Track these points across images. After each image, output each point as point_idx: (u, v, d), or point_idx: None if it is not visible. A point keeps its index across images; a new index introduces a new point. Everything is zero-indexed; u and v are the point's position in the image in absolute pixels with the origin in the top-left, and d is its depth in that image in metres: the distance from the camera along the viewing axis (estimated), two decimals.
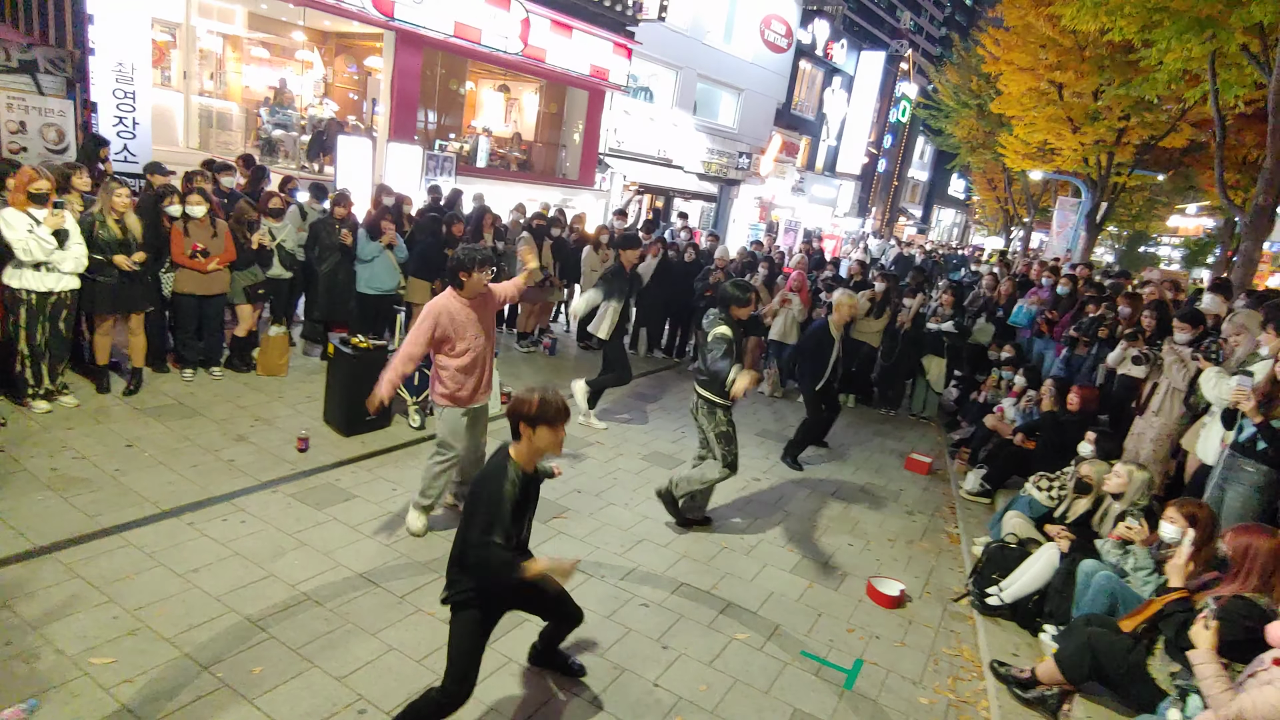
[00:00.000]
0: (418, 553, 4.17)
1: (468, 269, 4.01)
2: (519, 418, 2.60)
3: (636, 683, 3.39)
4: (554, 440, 2.63)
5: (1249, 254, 9.30)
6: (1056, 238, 19.02)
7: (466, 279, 4.04)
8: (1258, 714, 2.42)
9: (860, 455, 7.17)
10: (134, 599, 3.39)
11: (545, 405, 2.59)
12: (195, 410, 5.54)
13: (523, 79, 16.27)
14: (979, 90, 21.17)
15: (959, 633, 4.29)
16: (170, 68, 12.32)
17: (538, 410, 2.58)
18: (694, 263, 9.54)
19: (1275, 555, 3.00)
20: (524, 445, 2.65)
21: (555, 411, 2.60)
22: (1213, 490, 4.16)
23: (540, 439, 2.62)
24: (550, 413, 2.59)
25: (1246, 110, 10.72)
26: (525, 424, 2.60)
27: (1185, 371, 5.03)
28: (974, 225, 44.22)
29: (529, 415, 2.59)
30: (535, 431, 2.60)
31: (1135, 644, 3.23)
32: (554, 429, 2.61)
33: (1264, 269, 22.38)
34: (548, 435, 2.61)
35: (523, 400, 2.60)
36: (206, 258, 5.80)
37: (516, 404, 2.61)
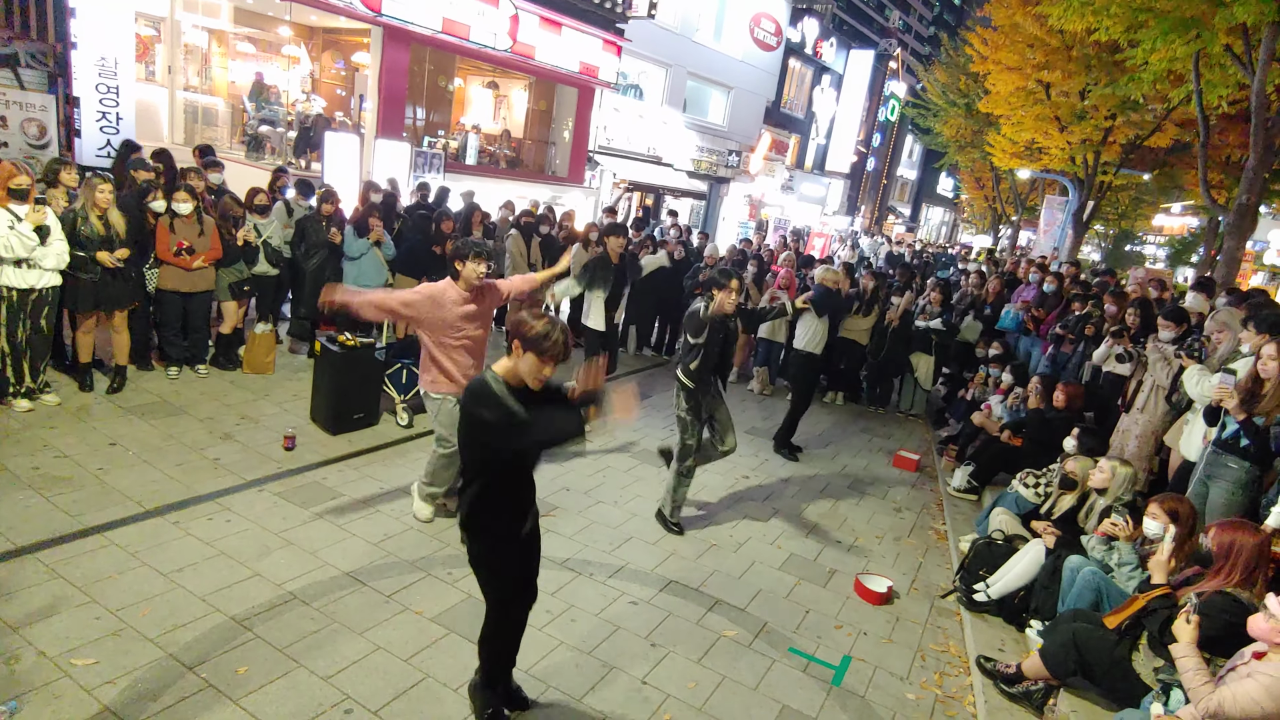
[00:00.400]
0: (405, 551, 4.15)
1: (462, 258, 4.08)
2: (517, 334, 2.52)
3: (625, 680, 3.39)
4: (534, 371, 2.53)
5: (1232, 253, 9.40)
6: (1044, 236, 19.16)
7: (460, 268, 4.09)
8: (1237, 707, 2.45)
9: (848, 453, 7.20)
10: (117, 599, 3.35)
11: (544, 336, 2.49)
12: (180, 408, 5.49)
13: (512, 76, 16.22)
14: (967, 89, 21.27)
15: (946, 629, 4.32)
16: (155, 62, 12.19)
17: (534, 335, 2.49)
18: (683, 261, 9.53)
19: (1259, 551, 3.03)
20: (509, 361, 2.57)
21: (548, 345, 2.49)
22: (1196, 486, 4.20)
23: (525, 363, 2.53)
24: (542, 345, 2.49)
25: (1230, 110, 10.83)
26: (519, 341, 2.52)
27: (1169, 369, 5.08)
28: (962, 224, 44.46)
29: (524, 335, 2.50)
30: (524, 354, 2.52)
31: (1119, 639, 3.26)
32: (540, 361, 2.51)
33: (1247, 267, 22.66)
34: (532, 363, 2.52)
35: (525, 321, 2.52)
36: (192, 255, 5.74)
37: (519, 321, 2.53)
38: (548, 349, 2.50)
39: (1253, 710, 2.42)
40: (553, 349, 2.51)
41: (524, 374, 2.55)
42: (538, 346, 2.49)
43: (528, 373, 2.55)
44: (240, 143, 12.88)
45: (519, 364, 2.54)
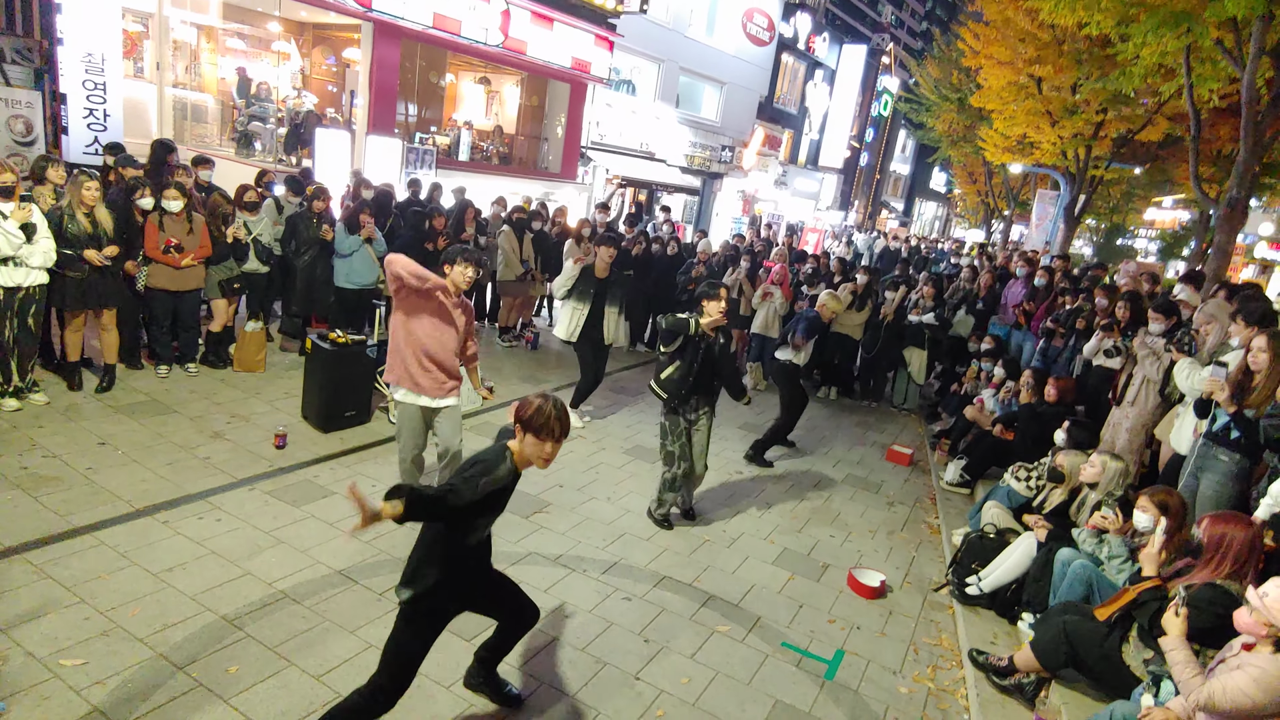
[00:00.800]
0: (397, 549, 4.13)
1: (450, 261, 4.05)
2: (517, 418, 2.53)
3: (618, 676, 3.39)
4: (538, 453, 2.52)
5: (1223, 246, 9.43)
6: (1036, 230, 19.19)
7: (448, 271, 4.04)
8: (1227, 698, 2.46)
9: (842, 447, 7.21)
10: (106, 599, 3.33)
11: (537, 413, 2.49)
12: (170, 407, 5.45)
13: (504, 71, 16.14)
14: (959, 84, 21.28)
15: (938, 622, 4.33)
16: (143, 59, 12.08)
17: (529, 415, 2.49)
18: (676, 256, 9.52)
19: (1250, 545, 3.04)
20: (516, 445, 2.56)
21: (544, 422, 2.48)
22: (1187, 479, 4.21)
23: (527, 445, 2.51)
24: (538, 421, 2.48)
25: (1221, 104, 10.85)
26: (519, 426, 2.52)
27: (1158, 363, 5.10)
28: (955, 218, 44.56)
29: (521, 418, 2.51)
30: (524, 436, 2.51)
31: (1110, 632, 3.27)
32: (539, 440, 2.49)
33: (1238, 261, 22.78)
34: (532, 444, 2.50)
35: (526, 402, 2.53)
36: (181, 253, 5.70)
37: (521, 404, 2.53)
38: (542, 425, 2.48)
39: (1242, 701, 2.43)
40: (547, 425, 2.48)
41: (529, 456, 2.53)
42: (532, 425, 2.48)
43: (532, 454, 2.52)
44: (230, 139, 12.79)
45: (523, 445, 2.53)
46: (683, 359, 4.63)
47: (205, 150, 9.91)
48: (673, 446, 4.77)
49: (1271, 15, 7.59)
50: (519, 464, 2.57)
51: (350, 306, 6.94)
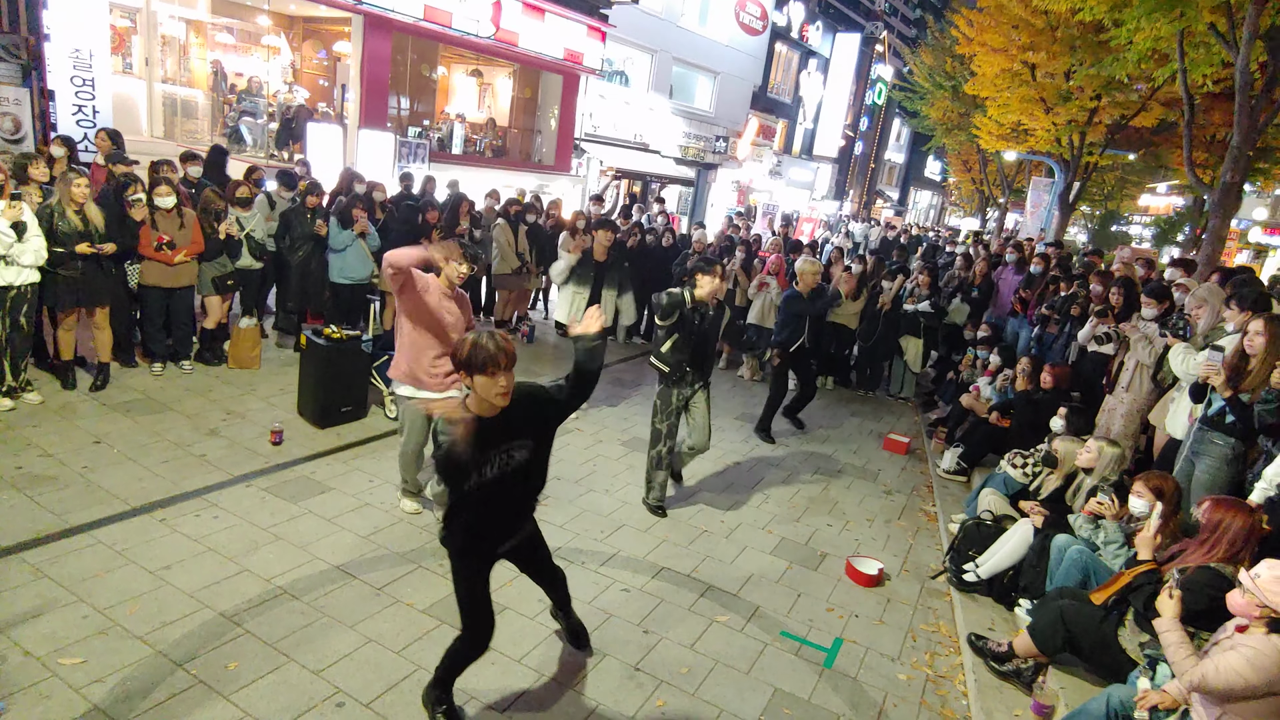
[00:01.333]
0: (396, 544, 4.14)
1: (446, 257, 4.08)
2: (458, 365, 2.45)
3: (618, 667, 3.40)
4: (492, 388, 2.42)
5: (1217, 231, 9.45)
6: (1031, 218, 19.21)
7: (443, 266, 4.07)
8: (1220, 679, 2.48)
9: (839, 436, 7.22)
10: (104, 598, 3.32)
11: (475, 350, 2.39)
12: (165, 405, 5.44)
13: (496, 63, 16.06)
14: (953, 72, 21.23)
15: (936, 609, 4.35)
16: (131, 54, 11.98)
17: (466, 355, 2.40)
18: (671, 247, 9.50)
19: (1247, 533, 3.05)
20: (472, 394, 2.50)
21: (486, 356, 2.38)
22: (1183, 464, 4.23)
23: (479, 387, 2.43)
24: (481, 357, 2.38)
25: (1214, 89, 10.85)
26: (463, 372, 2.44)
27: (1151, 348, 5.11)
28: (950, 206, 44.55)
29: (462, 361, 2.42)
30: (472, 380, 2.43)
31: (1106, 616, 3.29)
32: (489, 377, 2.40)
33: (1232, 245, 22.83)
34: (484, 383, 2.41)
35: (457, 345, 2.44)
36: (174, 250, 5.67)
37: (454, 350, 2.45)
38: (486, 360, 2.39)
39: (1235, 682, 2.45)
40: (486, 358, 2.39)
41: (484, 396, 2.45)
42: (475, 363, 2.40)
43: (486, 393, 2.44)
44: (221, 135, 12.70)
45: (477, 391, 2.46)
46: (680, 331, 4.68)
47: (190, 145, 9.85)
48: (661, 425, 4.82)
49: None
50: (481, 411, 2.49)
51: (345, 302, 6.92)
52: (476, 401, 2.50)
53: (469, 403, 2.52)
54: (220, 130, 12.77)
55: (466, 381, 2.47)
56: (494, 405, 2.49)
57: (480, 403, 2.49)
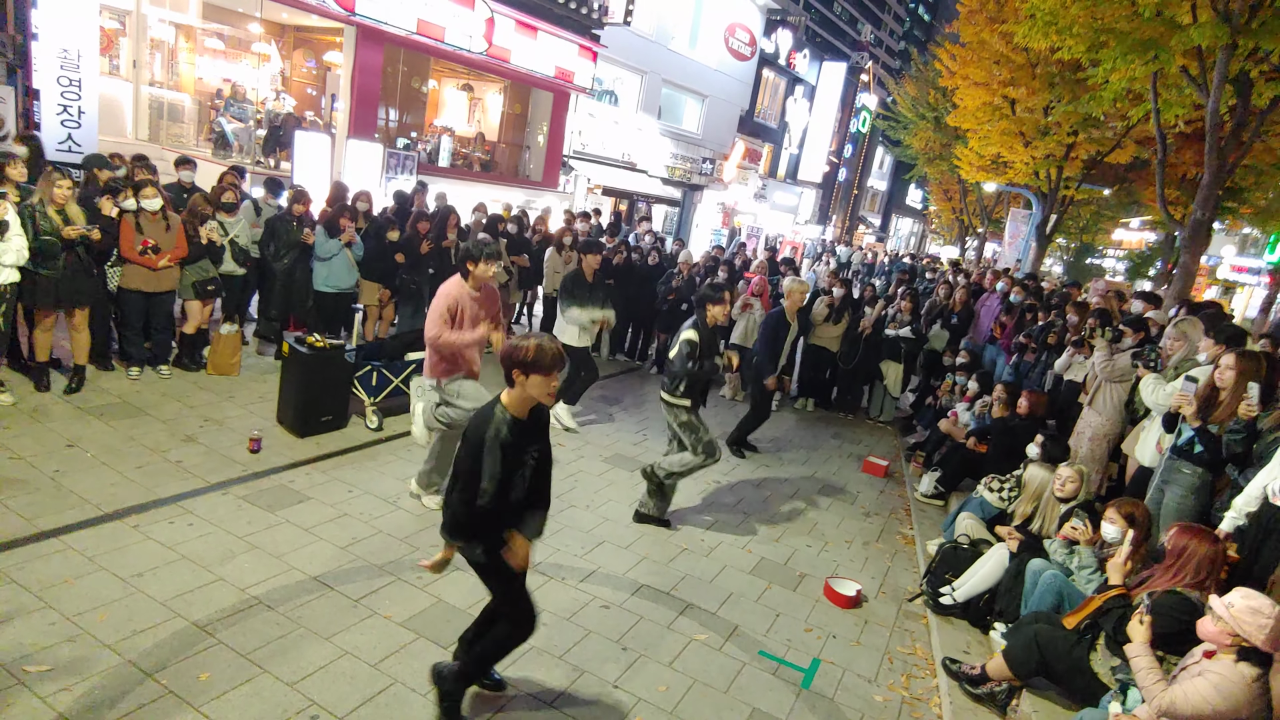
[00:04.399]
0: (374, 555, 4.10)
1: (475, 259, 4.31)
2: (514, 364, 2.60)
3: (595, 684, 3.38)
4: (546, 388, 2.63)
5: (1187, 267, 9.71)
6: (1008, 248, 19.59)
7: (473, 268, 4.32)
8: (1189, 704, 2.53)
9: (819, 458, 7.28)
10: (73, 605, 3.26)
11: (541, 352, 2.58)
12: (141, 409, 5.35)
13: (487, 79, 16.15)
14: (936, 103, 21.70)
15: (913, 631, 4.38)
16: (119, 56, 11.90)
17: (534, 357, 2.57)
18: (657, 266, 9.57)
19: (1211, 561, 3.12)
20: (516, 392, 2.65)
21: (551, 359, 2.59)
22: (1153, 492, 4.32)
23: (533, 386, 2.61)
24: (546, 360, 2.58)
25: (1186, 130, 11.21)
26: (519, 370, 2.59)
27: (1110, 364, 5.25)
28: (931, 234, 45.27)
29: (523, 361, 2.58)
30: (528, 379, 2.59)
31: (1078, 640, 3.34)
32: (547, 376, 2.61)
33: (1201, 281, 23.39)
34: (540, 383, 2.61)
35: (519, 347, 2.60)
36: (158, 254, 5.61)
37: (511, 350, 2.60)
38: (548, 363, 2.59)
39: (1203, 708, 2.50)
40: (552, 360, 2.60)
41: (535, 395, 2.64)
42: (539, 365, 2.58)
43: (539, 391, 2.63)
44: (207, 140, 12.63)
45: (526, 389, 2.63)
46: (702, 363, 4.85)
47: (185, 151, 9.79)
48: (709, 435, 4.97)
49: (1235, 45, 7.87)
50: (518, 412, 2.66)
51: (329, 310, 6.89)
52: (518, 403, 2.65)
53: (506, 402, 2.65)
54: (206, 135, 12.70)
55: (521, 380, 2.60)
56: (529, 406, 2.68)
57: (522, 404, 2.66)
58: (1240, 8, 7.75)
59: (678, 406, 4.92)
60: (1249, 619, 2.49)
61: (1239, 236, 28.01)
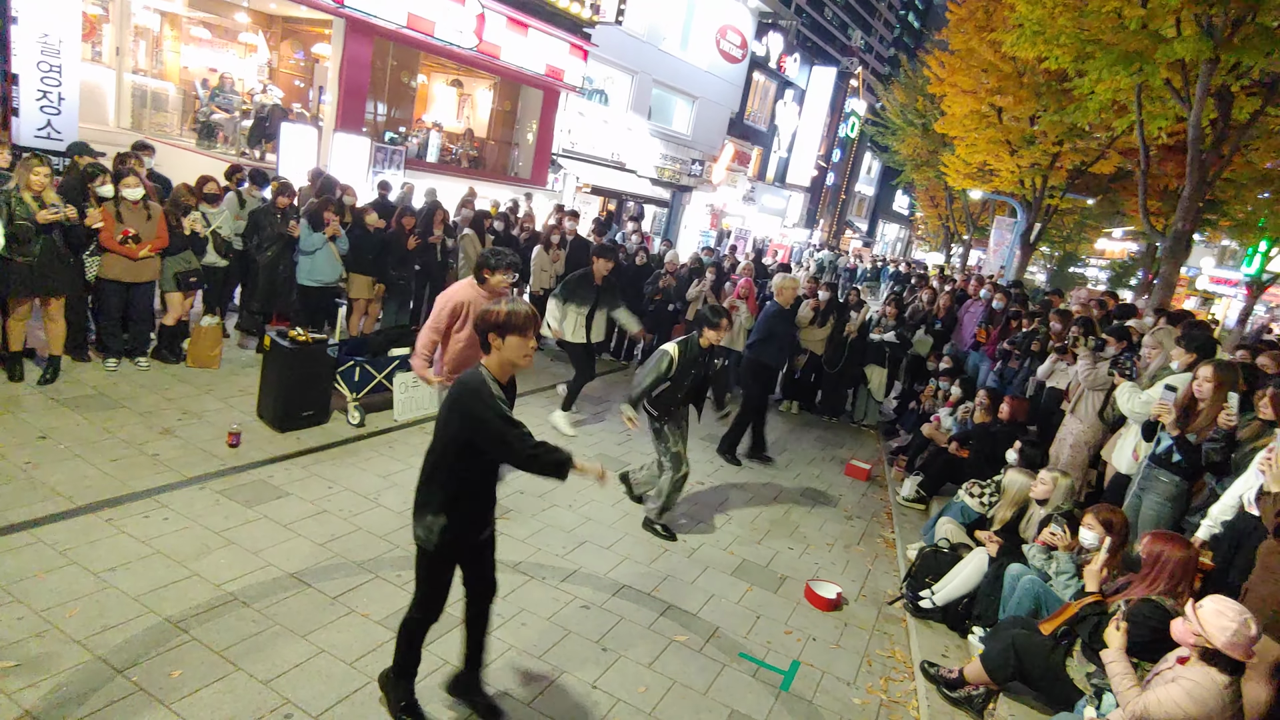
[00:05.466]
0: (352, 552, 4.05)
1: (491, 268, 4.28)
2: (489, 328, 2.58)
3: (575, 684, 3.37)
4: (523, 349, 2.61)
5: (1168, 277, 9.85)
6: (993, 255, 19.77)
7: (489, 276, 4.28)
8: (1161, 710, 2.55)
9: (802, 461, 7.30)
10: (42, 599, 3.19)
11: (513, 314, 2.57)
12: (117, 402, 5.27)
13: (476, 75, 16.07)
14: (924, 110, 21.88)
15: (892, 635, 4.40)
16: (102, 43, 11.73)
17: (506, 318, 2.56)
18: (644, 266, 9.56)
19: (1185, 566, 3.17)
20: (494, 357, 2.62)
21: (524, 319, 2.58)
22: (1131, 499, 4.37)
23: (510, 349, 2.59)
24: (519, 320, 2.57)
25: (1169, 142, 11.36)
26: (494, 334, 2.58)
27: (1092, 372, 5.31)
28: (917, 240, 45.62)
29: (497, 324, 2.56)
30: (505, 341, 2.58)
31: (1055, 646, 3.37)
32: (524, 337, 2.59)
33: (1181, 292, 23.73)
34: (517, 344, 2.59)
35: (490, 310, 2.59)
36: (138, 244, 5.53)
37: (484, 315, 2.59)
38: (523, 322, 2.58)
39: (1176, 713, 2.52)
40: (528, 320, 2.59)
41: (513, 358, 2.62)
42: (514, 326, 2.56)
43: (517, 354, 2.61)
44: (192, 130, 12.48)
45: (504, 353, 2.60)
46: (675, 380, 4.79)
47: (157, 139, 9.66)
48: (676, 447, 4.91)
49: (1217, 59, 7.98)
50: (500, 376, 2.64)
51: (312, 304, 6.81)
52: (498, 367, 2.63)
53: (488, 367, 2.63)
54: (191, 125, 12.54)
55: (498, 344, 2.59)
56: (510, 371, 2.67)
57: (503, 368, 2.64)
58: (1223, 23, 7.86)
59: (649, 415, 4.89)
60: (1213, 620, 2.52)
61: (1218, 248, 28.47)
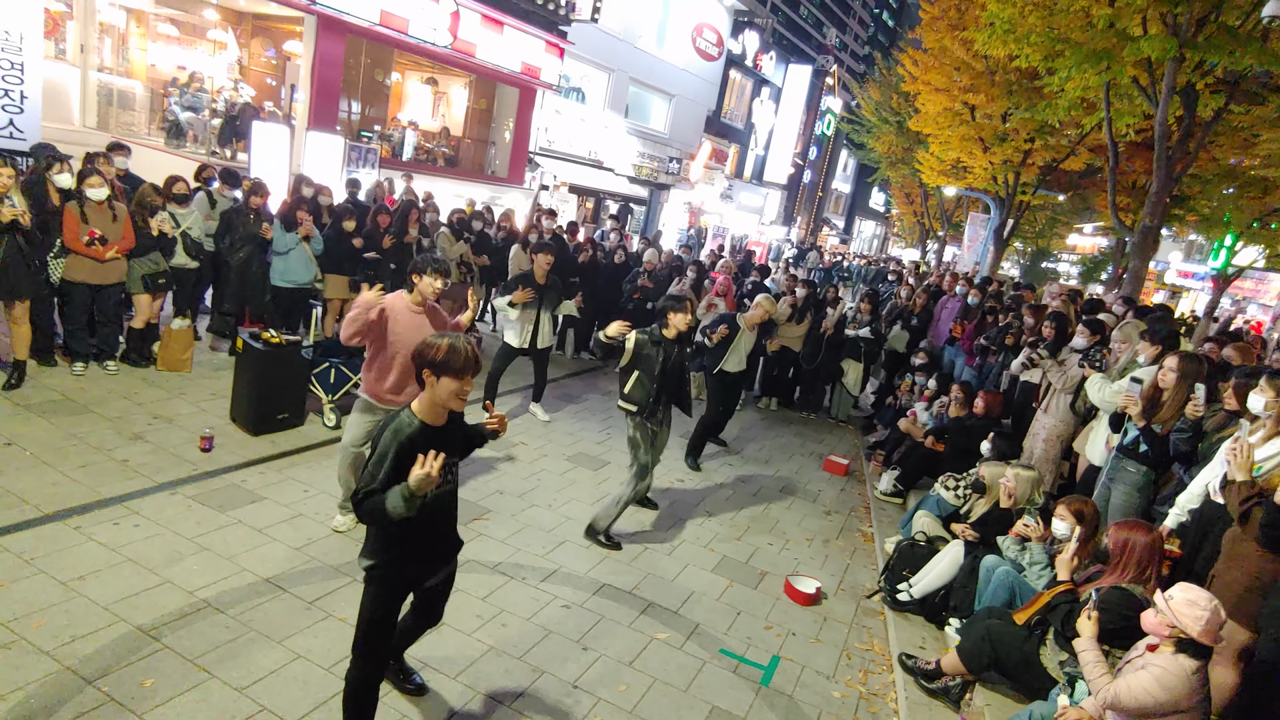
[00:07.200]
0: (329, 556, 4.01)
1: (419, 272, 4.02)
2: (424, 363, 2.39)
3: (555, 684, 3.36)
4: (455, 391, 2.41)
5: (1137, 271, 10.03)
6: (968, 251, 20.03)
7: (417, 281, 4.02)
8: (1131, 696, 2.60)
9: (781, 456, 7.34)
10: (8, 609, 3.12)
11: (453, 353, 2.37)
12: (85, 407, 5.16)
13: (452, 73, 15.96)
14: (899, 108, 22.05)
15: (870, 628, 4.45)
16: (66, 40, 11.46)
17: (444, 357, 2.37)
18: (623, 264, 9.55)
19: (1151, 549, 3.24)
20: (426, 395, 2.44)
21: (463, 361, 2.38)
22: (1100, 489, 4.45)
23: (441, 389, 2.40)
24: (458, 362, 2.37)
25: (1136, 139, 11.57)
26: (429, 370, 2.39)
27: (1063, 375, 5.40)
28: (893, 237, 46.05)
29: (433, 361, 2.37)
30: (439, 381, 2.39)
31: (1029, 635, 3.42)
32: (459, 379, 2.39)
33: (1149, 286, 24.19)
34: (450, 385, 2.39)
35: (429, 345, 2.39)
36: (105, 245, 5.42)
37: (423, 348, 2.41)
38: (461, 365, 2.39)
39: (1145, 700, 2.57)
40: (464, 362, 2.40)
41: (444, 400, 2.43)
42: (449, 367, 2.38)
43: (448, 397, 2.43)
44: (160, 129, 12.25)
45: (436, 392, 2.42)
46: (642, 369, 4.65)
47: (125, 138, 9.47)
48: (645, 458, 4.77)
49: (1182, 57, 8.14)
50: (426, 416, 2.45)
51: (286, 306, 6.73)
52: (429, 407, 2.46)
53: (417, 408, 2.47)
54: (159, 124, 12.31)
55: (431, 382, 2.41)
56: (444, 413, 2.49)
57: (434, 409, 2.46)
58: (1187, 22, 8.02)
59: (628, 414, 4.72)
60: (1186, 610, 2.57)
61: (1185, 243, 29.07)
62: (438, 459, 2.23)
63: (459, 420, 2.62)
